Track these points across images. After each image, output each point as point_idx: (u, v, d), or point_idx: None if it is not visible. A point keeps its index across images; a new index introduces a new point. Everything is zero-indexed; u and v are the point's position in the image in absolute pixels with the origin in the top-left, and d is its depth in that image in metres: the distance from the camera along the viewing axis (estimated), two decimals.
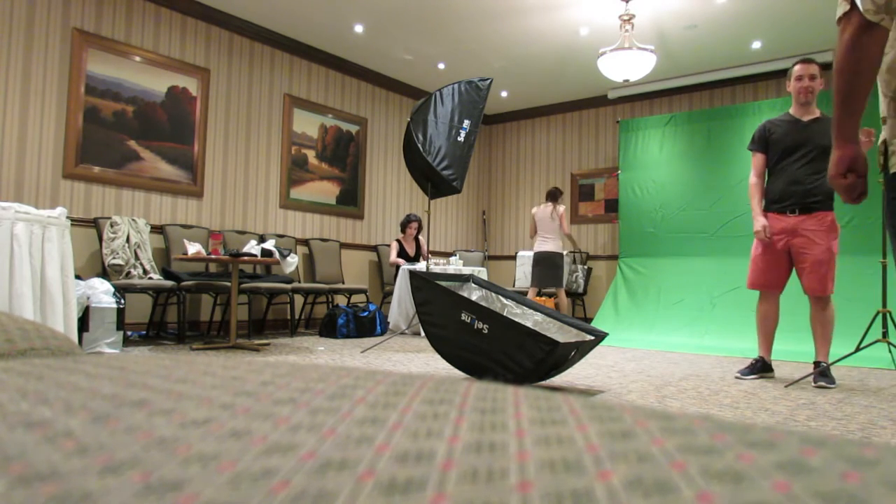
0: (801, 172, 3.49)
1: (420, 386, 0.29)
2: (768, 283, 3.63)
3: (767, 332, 3.66)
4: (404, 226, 6.49)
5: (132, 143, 5.09)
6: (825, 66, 6.27)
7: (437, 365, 3.87)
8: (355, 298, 6.55)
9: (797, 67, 3.60)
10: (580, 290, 7.16)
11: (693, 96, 7.21)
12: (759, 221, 3.57)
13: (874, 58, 1.38)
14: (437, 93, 4.64)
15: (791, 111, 3.68)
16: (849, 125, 1.44)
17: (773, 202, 3.59)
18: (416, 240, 6.57)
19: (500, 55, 6.57)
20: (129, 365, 0.35)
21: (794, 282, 3.79)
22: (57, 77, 4.66)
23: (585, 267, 7.32)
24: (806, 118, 3.56)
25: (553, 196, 6.17)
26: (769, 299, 3.66)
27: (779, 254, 3.54)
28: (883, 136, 1.50)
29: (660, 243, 6.88)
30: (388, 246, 7.13)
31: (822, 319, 3.45)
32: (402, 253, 6.44)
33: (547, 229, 6.15)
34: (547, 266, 6.11)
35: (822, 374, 3.38)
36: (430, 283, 3.22)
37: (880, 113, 1.53)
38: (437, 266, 5.80)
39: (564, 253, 6.30)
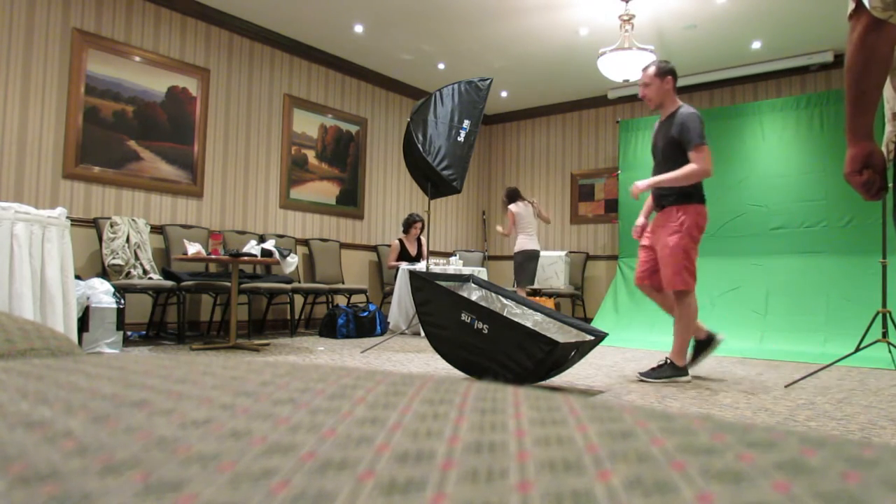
0: (655, 171, 3.57)
1: (420, 386, 0.29)
2: (640, 279, 3.63)
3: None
4: (409, 225, 6.50)
5: (132, 144, 5.09)
6: (825, 66, 6.30)
7: (437, 365, 3.87)
8: (355, 298, 6.55)
9: (640, 76, 3.60)
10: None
11: (693, 96, 7.21)
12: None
13: (884, 55, 1.38)
14: (437, 93, 4.64)
15: None
16: (861, 122, 1.44)
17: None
18: (418, 240, 6.59)
19: (500, 55, 6.57)
20: (129, 365, 0.35)
21: (796, 284, 3.77)
22: (57, 77, 4.66)
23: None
24: (662, 119, 3.56)
25: (518, 194, 6.32)
26: (646, 293, 3.66)
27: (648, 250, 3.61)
28: (892, 129, 1.50)
29: None
30: (388, 246, 7.14)
31: (676, 314, 3.47)
32: (403, 253, 6.44)
33: (532, 225, 6.24)
34: (536, 264, 6.25)
35: (654, 368, 3.46)
36: (430, 283, 3.22)
37: (888, 109, 1.53)
38: (437, 266, 5.80)
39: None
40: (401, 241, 6.49)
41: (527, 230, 6.21)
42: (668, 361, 3.44)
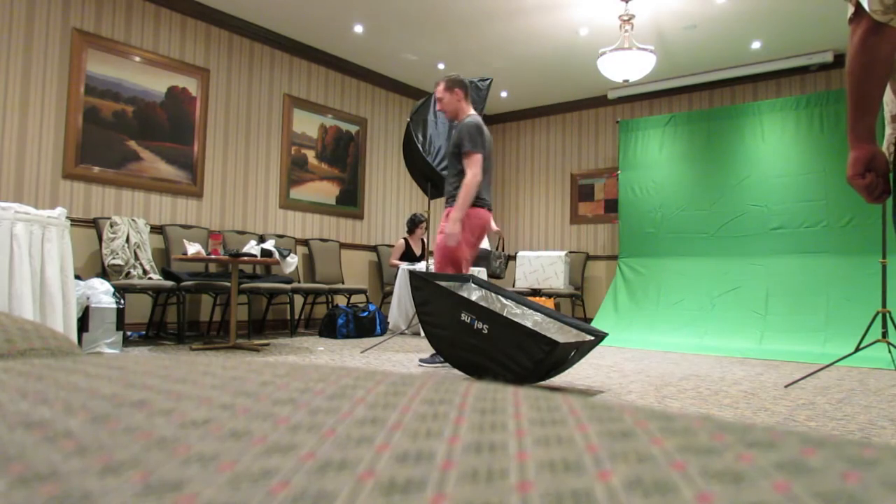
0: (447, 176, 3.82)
1: (420, 386, 0.29)
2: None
3: None
4: (415, 225, 6.55)
5: (132, 144, 5.09)
6: (825, 66, 6.30)
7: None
8: (355, 299, 6.55)
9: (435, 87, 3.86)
10: (502, 274, 7.34)
11: (693, 96, 7.21)
12: None
13: (885, 58, 1.38)
14: None
15: None
16: (863, 126, 1.44)
17: None
18: (422, 240, 6.63)
19: (500, 55, 6.57)
20: (129, 365, 0.35)
21: (796, 284, 3.77)
22: (57, 77, 4.66)
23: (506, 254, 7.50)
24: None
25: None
26: None
27: None
28: (892, 133, 1.50)
29: (659, 243, 6.88)
30: (388, 246, 7.14)
31: None
32: (408, 252, 6.49)
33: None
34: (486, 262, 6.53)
35: (433, 354, 3.76)
36: (429, 284, 3.22)
37: (887, 111, 1.52)
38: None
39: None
40: (406, 240, 6.54)
41: None
42: None
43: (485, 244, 6.74)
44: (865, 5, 1.34)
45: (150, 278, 4.68)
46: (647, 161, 7.12)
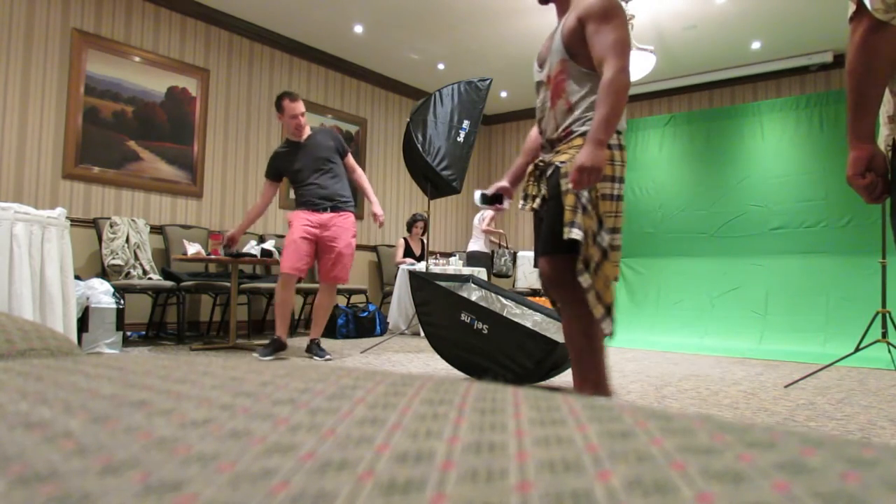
0: (321, 177, 4.03)
1: (420, 386, 0.29)
2: (302, 270, 3.99)
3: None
4: (411, 225, 6.65)
5: (132, 144, 5.08)
6: (824, 67, 6.30)
7: (436, 365, 3.87)
8: (355, 299, 6.55)
9: (289, 105, 4.00)
10: (510, 273, 7.34)
11: (693, 97, 7.21)
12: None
13: (886, 57, 1.37)
14: (437, 93, 4.64)
15: (288, 137, 4.19)
16: (863, 126, 1.44)
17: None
18: (421, 240, 6.68)
19: (500, 55, 6.57)
20: (129, 365, 0.35)
21: (796, 284, 3.77)
22: (56, 77, 4.66)
23: (511, 251, 7.52)
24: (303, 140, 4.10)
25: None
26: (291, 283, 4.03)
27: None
28: (889, 133, 1.49)
29: (659, 243, 6.88)
30: (388, 246, 7.15)
31: (329, 302, 4.08)
32: (408, 252, 6.55)
33: (476, 229, 6.91)
34: (477, 263, 6.62)
35: (318, 346, 4.03)
36: (429, 284, 3.22)
37: (883, 112, 1.52)
38: (437, 266, 5.80)
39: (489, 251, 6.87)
40: (405, 240, 6.61)
41: (475, 234, 6.89)
42: (315, 342, 4.06)
43: (481, 247, 6.79)
44: (867, 4, 1.33)
45: (149, 278, 4.67)
46: (647, 161, 7.12)
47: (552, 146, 2.22)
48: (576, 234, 1.97)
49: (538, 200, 2.21)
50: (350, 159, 4.17)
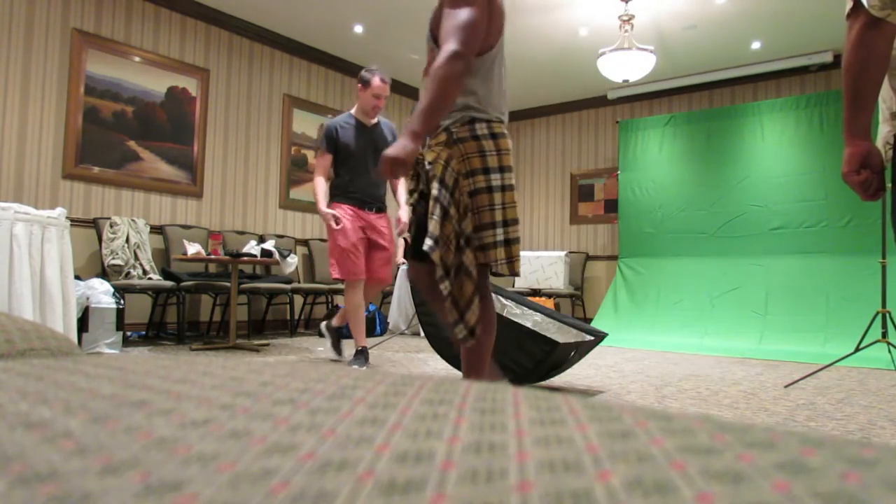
0: (366, 172, 3.78)
1: (419, 386, 0.29)
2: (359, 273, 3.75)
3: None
4: (411, 226, 6.60)
5: (132, 144, 5.08)
6: (824, 67, 6.30)
7: (436, 365, 3.87)
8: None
9: (378, 84, 3.70)
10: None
11: (693, 97, 7.21)
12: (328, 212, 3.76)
13: (882, 54, 1.38)
14: None
15: (356, 115, 3.85)
16: (859, 122, 1.44)
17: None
18: None
19: None
20: (129, 365, 0.35)
21: (796, 284, 3.77)
22: (56, 77, 4.66)
23: None
24: (369, 125, 3.84)
25: None
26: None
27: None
28: (890, 130, 1.49)
29: (659, 243, 6.88)
30: None
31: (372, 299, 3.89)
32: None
33: None
34: None
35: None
36: None
37: (885, 108, 1.52)
38: None
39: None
40: (405, 239, 6.56)
41: None
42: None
43: None
44: (863, 0, 1.34)
45: (149, 278, 4.67)
46: (646, 161, 7.12)
47: (428, 137, 2.16)
48: (427, 244, 1.89)
49: (416, 195, 2.13)
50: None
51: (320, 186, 3.77)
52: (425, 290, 2.13)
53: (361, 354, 3.64)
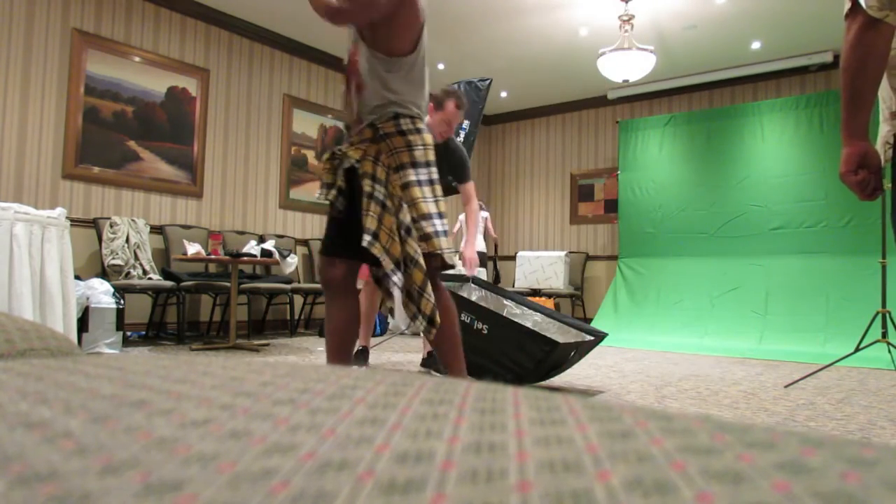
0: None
1: (420, 386, 0.29)
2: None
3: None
4: None
5: (132, 144, 5.08)
6: (824, 67, 6.30)
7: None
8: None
9: (452, 111, 3.32)
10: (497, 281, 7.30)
11: (693, 97, 7.21)
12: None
13: (880, 54, 1.38)
14: None
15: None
16: (857, 122, 1.45)
17: None
18: None
19: (500, 55, 6.57)
20: (129, 365, 0.35)
21: (796, 284, 3.77)
22: (56, 77, 4.66)
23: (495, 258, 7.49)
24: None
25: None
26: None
27: None
28: (889, 129, 1.49)
29: (659, 243, 6.88)
30: None
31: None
32: None
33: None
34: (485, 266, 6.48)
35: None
36: None
37: (884, 108, 1.52)
38: None
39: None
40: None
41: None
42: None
43: (480, 247, 6.79)
44: (861, 1, 1.34)
45: (149, 278, 4.67)
46: (647, 161, 7.12)
47: (349, 133, 2.14)
48: (365, 240, 1.90)
49: (333, 191, 2.11)
50: (469, 186, 3.54)
51: None
52: (337, 287, 2.12)
53: (362, 354, 3.63)
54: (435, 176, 2.06)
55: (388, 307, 2.09)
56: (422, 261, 1.98)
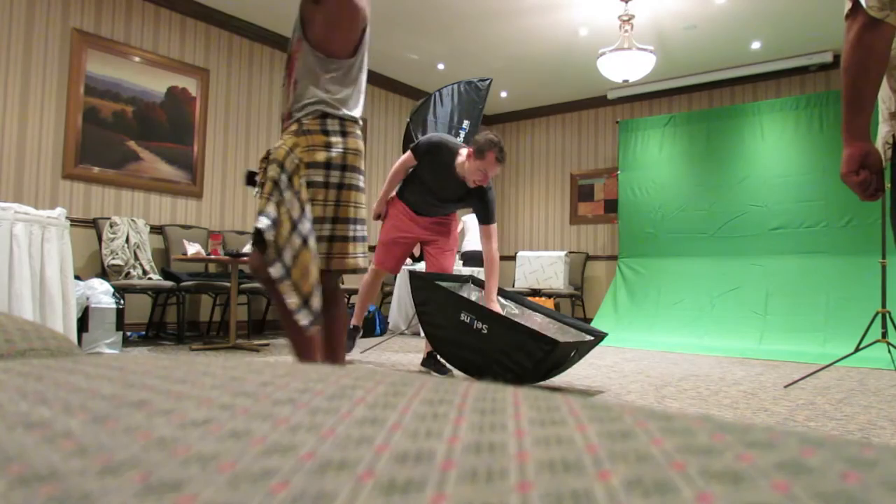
0: (437, 202, 3.59)
1: (419, 386, 0.29)
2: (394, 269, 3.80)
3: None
4: None
5: (132, 144, 5.08)
6: (824, 67, 6.30)
7: None
8: (355, 299, 6.55)
9: (492, 163, 3.15)
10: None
11: (692, 97, 7.21)
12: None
13: (881, 54, 1.38)
14: (437, 93, 4.64)
15: (458, 166, 3.31)
16: (858, 123, 1.45)
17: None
18: None
19: (500, 55, 6.57)
20: (129, 365, 0.35)
21: (796, 284, 3.77)
22: (56, 77, 4.66)
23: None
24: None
25: None
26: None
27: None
28: (889, 129, 1.49)
29: (659, 243, 6.88)
30: None
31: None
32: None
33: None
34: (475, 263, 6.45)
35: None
36: (429, 284, 3.22)
37: (884, 108, 1.52)
38: None
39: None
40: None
41: (474, 235, 6.55)
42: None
43: (479, 246, 6.77)
44: (862, 1, 1.34)
45: (149, 278, 4.67)
46: (646, 161, 7.12)
47: (281, 126, 2.16)
48: (262, 222, 1.87)
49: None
50: (493, 228, 3.36)
51: (394, 178, 3.63)
52: (254, 273, 2.06)
53: (353, 332, 3.73)
54: (352, 181, 2.05)
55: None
56: (312, 253, 1.94)
